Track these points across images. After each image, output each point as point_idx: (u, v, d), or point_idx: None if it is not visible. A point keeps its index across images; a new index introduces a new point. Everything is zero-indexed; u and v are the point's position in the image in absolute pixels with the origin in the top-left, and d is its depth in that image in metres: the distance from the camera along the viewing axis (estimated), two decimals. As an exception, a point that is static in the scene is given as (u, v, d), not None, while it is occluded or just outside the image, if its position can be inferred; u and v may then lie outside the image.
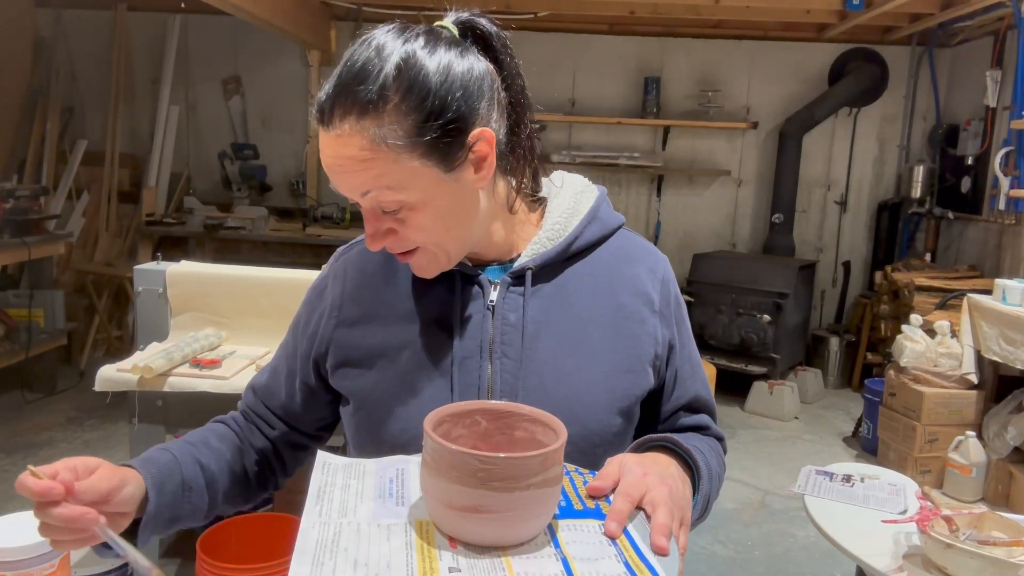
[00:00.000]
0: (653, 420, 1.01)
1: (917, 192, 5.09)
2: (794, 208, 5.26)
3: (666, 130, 5.38)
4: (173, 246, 5.04)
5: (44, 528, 0.76)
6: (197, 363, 2.05)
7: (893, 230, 5.31)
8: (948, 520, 1.60)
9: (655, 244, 4.86)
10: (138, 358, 2.05)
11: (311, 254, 4.83)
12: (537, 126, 0.96)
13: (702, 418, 1.02)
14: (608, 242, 0.99)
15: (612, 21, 5.30)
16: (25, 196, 4.09)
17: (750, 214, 5.52)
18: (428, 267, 0.90)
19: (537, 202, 1.00)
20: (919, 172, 5.08)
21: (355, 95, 0.78)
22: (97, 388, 1.99)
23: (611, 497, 0.78)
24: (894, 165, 5.38)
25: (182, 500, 0.90)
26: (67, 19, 5.41)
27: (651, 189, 5.52)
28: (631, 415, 0.95)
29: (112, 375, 2.00)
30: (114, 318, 5.11)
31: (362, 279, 0.98)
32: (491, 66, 0.86)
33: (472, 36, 0.86)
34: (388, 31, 0.82)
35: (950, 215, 4.90)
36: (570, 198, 0.98)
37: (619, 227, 1.01)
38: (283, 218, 5.15)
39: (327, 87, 0.81)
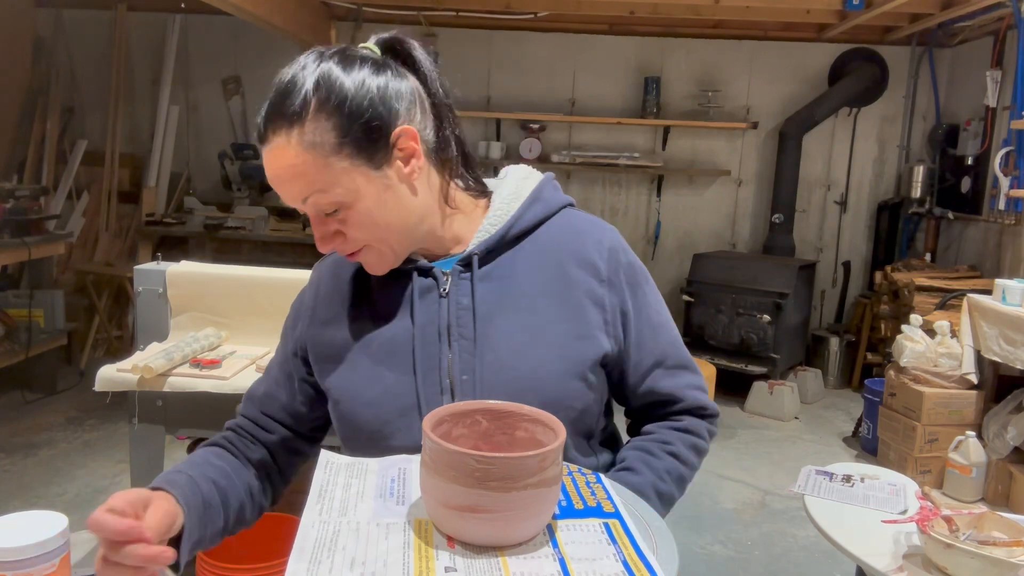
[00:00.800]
0: (626, 384, 1.05)
1: (917, 192, 5.09)
2: (794, 208, 5.26)
3: (666, 130, 5.38)
4: (173, 246, 5.04)
5: (109, 568, 0.76)
6: (197, 363, 2.04)
7: (893, 230, 5.31)
8: (948, 520, 1.60)
9: (655, 244, 4.84)
10: (138, 358, 2.05)
11: (311, 254, 4.83)
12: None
13: (677, 383, 1.05)
14: (553, 220, 1.04)
15: (612, 21, 5.29)
16: (25, 196, 4.09)
17: (750, 214, 5.52)
18: (377, 264, 0.96)
19: (484, 196, 1.05)
20: (919, 172, 5.08)
21: (282, 110, 0.87)
22: (97, 388, 1.99)
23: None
24: (894, 165, 5.38)
25: (205, 519, 0.93)
26: (67, 19, 5.41)
27: (651, 189, 5.52)
28: (590, 380, 0.98)
29: (112, 375, 1.99)
30: (114, 318, 5.11)
31: (334, 284, 1.06)
32: (412, 77, 0.94)
33: (394, 52, 0.95)
34: (308, 55, 0.91)
35: (950, 215, 4.90)
36: (512, 185, 1.04)
37: (564, 207, 1.06)
38: (283, 218, 5.15)
39: (261, 110, 0.90)
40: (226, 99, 5.57)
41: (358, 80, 0.88)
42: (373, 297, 1.02)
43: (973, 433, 3.09)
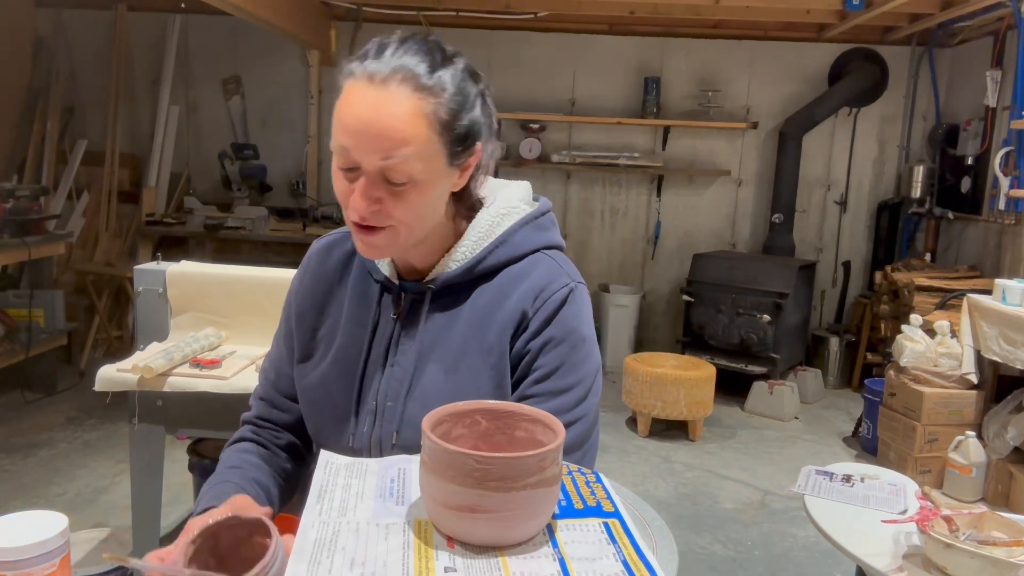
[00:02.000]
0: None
1: (917, 192, 5.09)
2: (794, 208, 5.26)
3: (666, 130, 5.37)
4: (173, 246, 5.04)
5: None
6: (197, 363, 2.05)
7: (893, 230, 5.31)
8: (948, 520, 1.60)
9: (655, 244, 4.79)
10: (138, 358, 2.05)
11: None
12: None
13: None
14: (519, 264, 1.02)
15: (612, 21, 5.29)
16: (25, 196, 4.09)
17: (750, 214, 5.52)
18: (384, 248, 0.95)
19: (471, 220, 1.04)
20: (919, 172, 5.08)
21: (417, 71, 0.88)
22: (97, 388, 1.99)
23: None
24: (894, 165, 5.38)
25: None
26: (67, 19, 5.41)
27: (651, 189, 5.52)
28: None
29: (112, 375, 2.00)
30: (114, 318, 5.11)
31: (320, 272, 1.10)
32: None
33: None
34: (438, 41, 0.94)
35: (950, 215, 4.90)
36: (488, 221, 1.02)
37: (534, 251, 1.03)
38: (283, 218, 5.15)
39: (391, 44, 0.89)
40: (226, 99, 5.57)
41: (480, 95, 0.96)
42: (348, 298, 1.06)
43: (973, 433, 3.09)
